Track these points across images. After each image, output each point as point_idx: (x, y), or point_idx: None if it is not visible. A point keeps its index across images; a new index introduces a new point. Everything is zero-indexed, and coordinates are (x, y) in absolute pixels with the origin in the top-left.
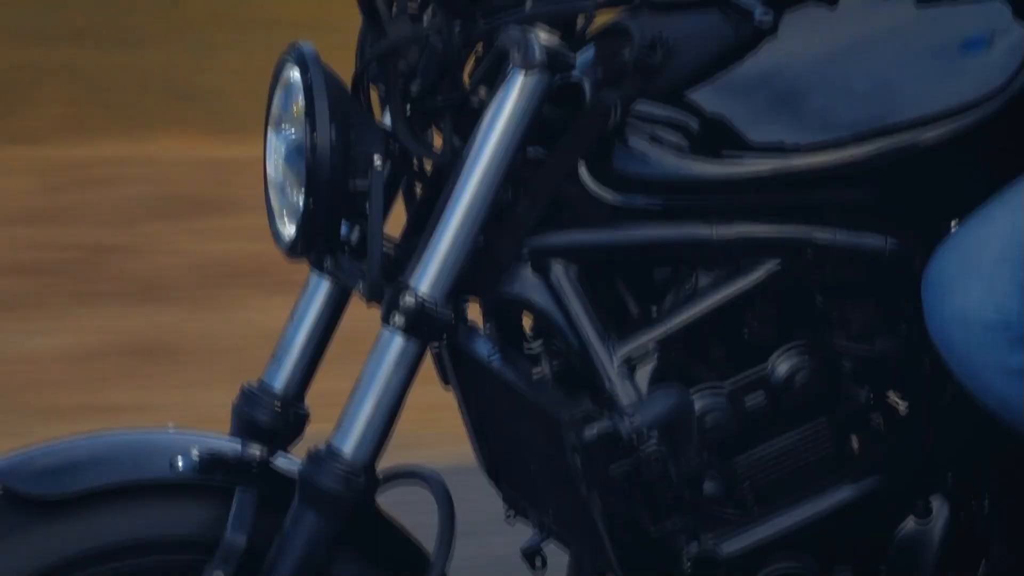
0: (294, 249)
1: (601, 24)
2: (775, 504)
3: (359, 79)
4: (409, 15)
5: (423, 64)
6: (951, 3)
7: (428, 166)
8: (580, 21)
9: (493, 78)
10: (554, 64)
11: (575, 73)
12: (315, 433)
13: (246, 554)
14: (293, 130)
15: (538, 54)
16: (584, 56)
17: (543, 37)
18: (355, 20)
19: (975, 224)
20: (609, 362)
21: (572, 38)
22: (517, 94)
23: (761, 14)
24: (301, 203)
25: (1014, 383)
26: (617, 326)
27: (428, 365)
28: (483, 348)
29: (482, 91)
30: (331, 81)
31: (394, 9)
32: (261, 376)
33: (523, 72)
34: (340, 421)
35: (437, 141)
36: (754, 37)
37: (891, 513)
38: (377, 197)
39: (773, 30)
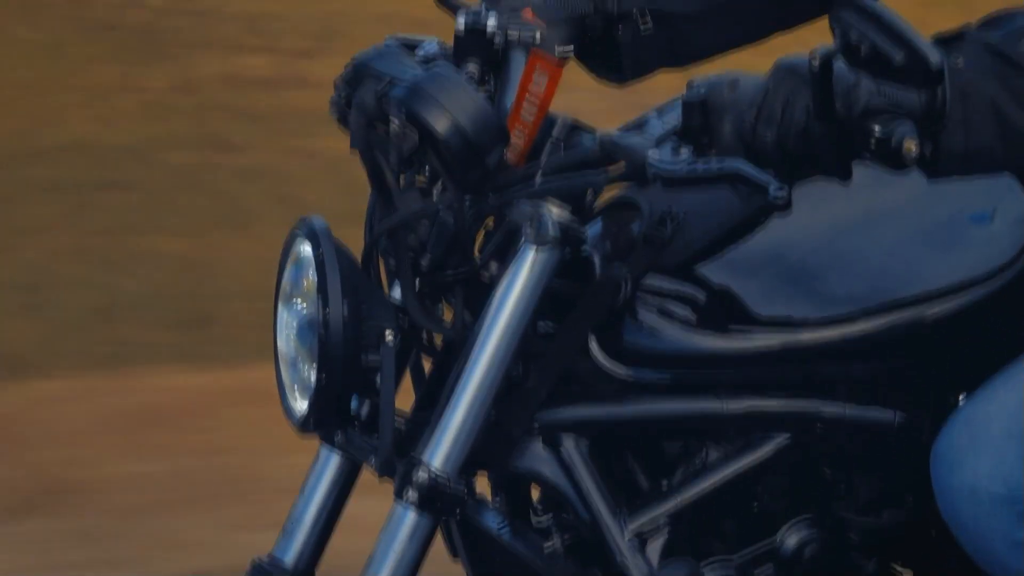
0: (306, 424)
1: (609, 197)
2: None
3: (369, 253)
4: (419, 189)
5: (433, 238)
6: (960, 177)
7: (438, 340)
8: (588, 194)
9: (504, 252)
10: (567, 239)
11: (585, 247)
12: None
13: None
14: (305, 305)
15: (551, 230)
16: (592, 229)
17: (555, 212)
18: None
19: (983, 398)
20: (620, 536)
21: (581, 212)
22: (529, 269)
23: (776, 190)
24: (313, 378)
25: (1020, 556)
26: (628, 500)
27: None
28: (493, 521)
29: (493, 265)
30: (342, 255)
31: (402, 182)
32: (272, 550)
33: (535, 247)
34: None
35: (446, 315)
36: (764, 212)
37: None
38: (389, 372)
39: (787, 206)
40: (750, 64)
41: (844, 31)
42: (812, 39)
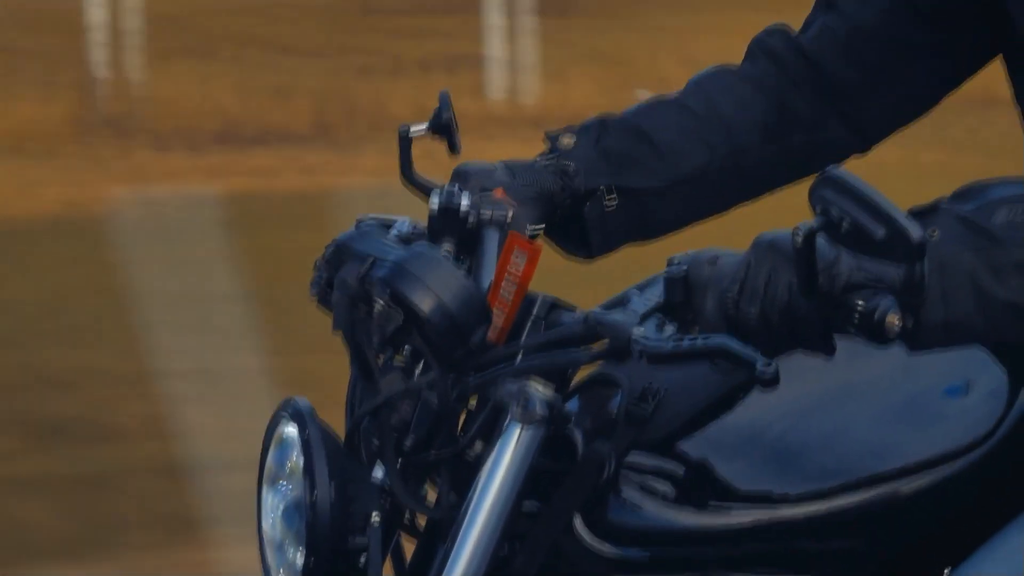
0: None
1: (586, 373)
2: None
3: (352, 433)
4: (400, 368)
5: (416, 418)
6: (939, 350)
7: (420, 521)
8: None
9: (488, 431)
10: (553, 418)
11: (570, 425)
12: None
13: None
14: (290, 487)
15: (539, 408)
16: (571, 405)
17: (541, 390)
18: None
19: (967, 573)
20: None
21: (560, 389)
22: (515, 448)
23: (763, 366)
24: (300, 562)
25: None
26: None
27: None
28: None
29: (478, 445)
30: (326, 436)
31: (382, 361)
32: None
33: (522, 426)
34: None
35: (430, 495)
36: (744, 387)
37: None
38: (375, 555)
39: (775, 382)
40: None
41: (825, 208)
42: (769, 206)
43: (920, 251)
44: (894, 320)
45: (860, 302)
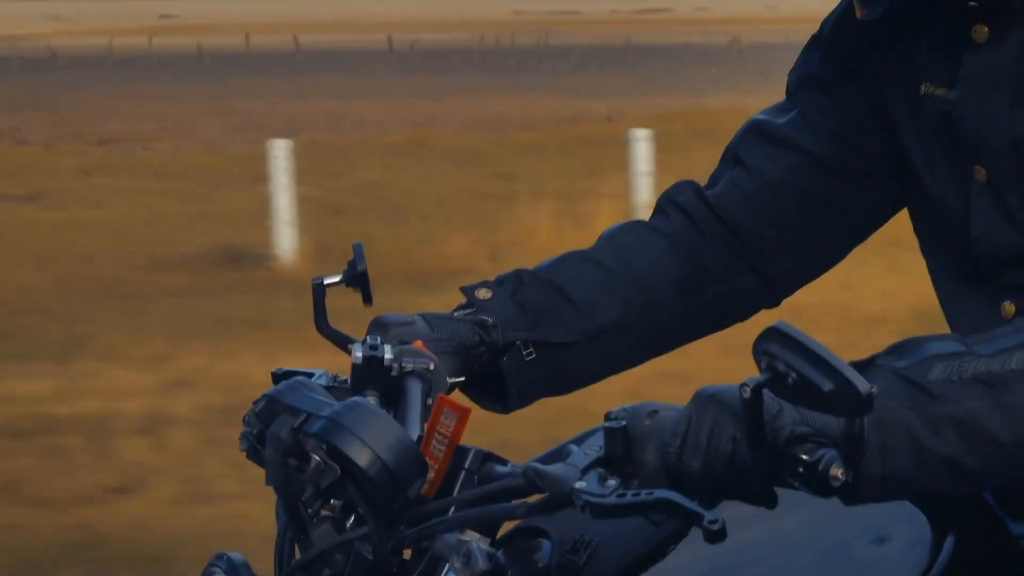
0: None
1: (513, 524)
2: None
3: None
4: (332, 521)
5: (349, 570)
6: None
7: None
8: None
9: None
10: (493, 571)
11: None
12: None
13: None
14: None
15: (480, 562)
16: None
17: (482, 544)
18: None
19: None
20: None
21: (494, 541)
22: None
23: (710, 519)
24: None
25: None
26: None
27: None
28: None
29: None
30: None
31: (312, 511)
32: None
33: None
34: None
35: None
36: (675, 537)
37: None
38: None
39: (722, 535)
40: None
41: (771, 362)
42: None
43: (868, 405)
44: (837, 472)
45: (804, 455)
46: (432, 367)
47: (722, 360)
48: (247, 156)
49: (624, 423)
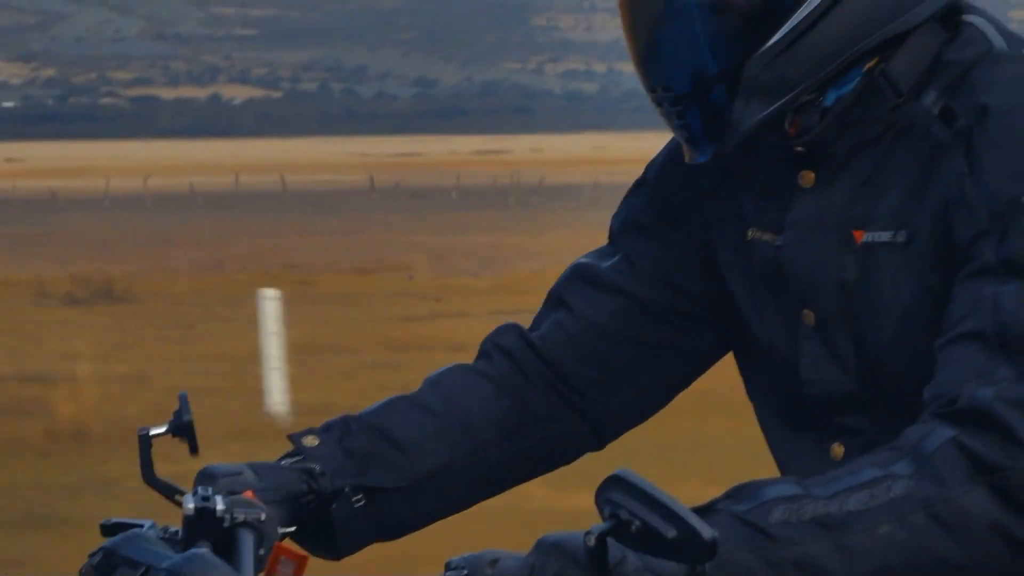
0: None
1: None
2: None
3: None
4: None
5: None
6: None
7: None
8: None
9: None
10: None
11: None
12: None
13: None
14: None
15: None
16: None
17: None
18: None
19: None
20: None
21: None
22: None
23: None
24: None
25: None
26: None
27: None
28: None
29: None
30: None
31: None
32: None
33: None
34: None
35: None
36: None
37: None
38: None
39: None
40: None
41: (614, 510)
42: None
43: (712, 550)
44: None
45: None
46: (263, 517)
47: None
48: None
49: (466, 572)
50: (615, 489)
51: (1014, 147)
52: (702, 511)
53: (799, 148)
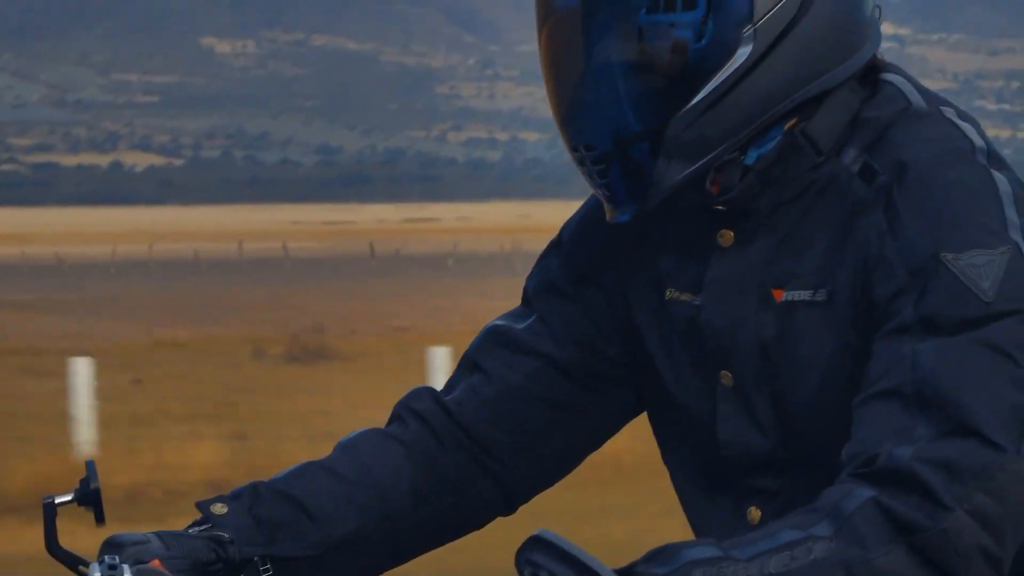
0: None
1: None
2: None
3: None
4: None
5: None
6: None
7: None
8: None
9: None
10: None
11: None
12: None
13: None
14: None
15: None
16: None
17: None
18: None
19: None
20: None
21: None
22: None
23: None
24: None
25: None
26: None
27: None
28: None
29: None
30: None
31: None
32: None
33: None
34: None
35: None
36: None
37: None
38: None
39: None
40: None
41: (535, 571)
42: None
43: None
44: None
45: None
46: None
47: None
48: None
49: None
50: (536, 550)
51: (932, 204)
52: (622, 573)
53: (719, 207)
